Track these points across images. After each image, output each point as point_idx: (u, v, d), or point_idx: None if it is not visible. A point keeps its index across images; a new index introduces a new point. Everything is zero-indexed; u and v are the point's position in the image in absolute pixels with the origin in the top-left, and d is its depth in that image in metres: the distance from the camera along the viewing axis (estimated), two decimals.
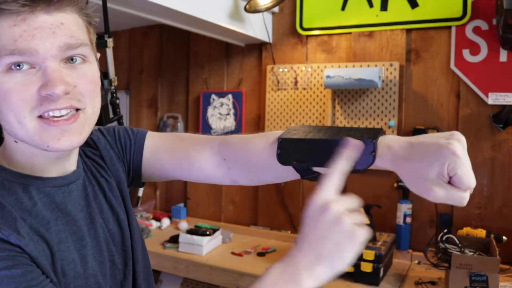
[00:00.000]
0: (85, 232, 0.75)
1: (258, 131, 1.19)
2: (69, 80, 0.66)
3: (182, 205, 2.70)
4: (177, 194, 2.81)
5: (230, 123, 2.57)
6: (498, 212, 1.95)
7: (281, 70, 2.36)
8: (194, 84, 2.70)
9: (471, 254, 1.73)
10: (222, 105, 2.58)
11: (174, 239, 2.22)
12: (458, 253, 1.69)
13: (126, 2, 1.65)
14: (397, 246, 2.06)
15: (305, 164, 0.72)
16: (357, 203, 0.65)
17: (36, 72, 0.65)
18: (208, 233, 2.17)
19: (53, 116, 0.66)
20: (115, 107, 1.57)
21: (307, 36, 2.32)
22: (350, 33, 2.21)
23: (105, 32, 1.48)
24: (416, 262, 2.02)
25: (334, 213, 0.62)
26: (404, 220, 2.05)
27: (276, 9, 2.34)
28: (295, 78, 2.33)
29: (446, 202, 0.62)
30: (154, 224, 2.53)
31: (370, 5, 2.13)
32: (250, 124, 2.51)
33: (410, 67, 2.10)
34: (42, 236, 0.68)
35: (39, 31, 0.64)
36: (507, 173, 1.94)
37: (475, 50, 1.96)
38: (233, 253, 2.15)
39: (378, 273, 1.76)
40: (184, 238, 2.14)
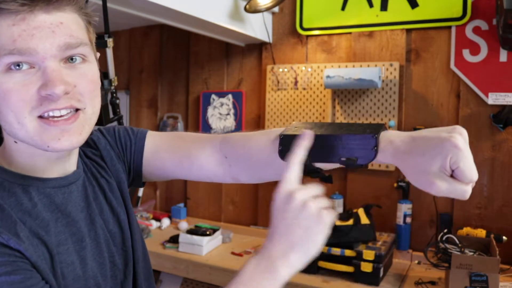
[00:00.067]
0: (85, 233, 0.75)
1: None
2: (69, 80, 0.66)
3: (182, 205, 2.70)
4: (177, 194, 2.81)
5: (230, 123, 2.57)
6: (498, 212, 1.95)
7: (281, 70, 2.36)
8: (194, 84, 2.70)
9: (471, 254, 1.73)
10: (222, 105, 2.58)
11: (174, 239, 2.22)
12: (458, 253, 1.69)
13: (126, 2, 1.65)
14: (397, 246, 2.06)
15: (307, 160, 0.72)
16: (319, 189, 0.69)
17: (35, 72, 0.65)
18: (208, 233, 2.17)
19: (53, 116, 0.66)
20: (115, 107, 1.57)
21: (307, 36, 2.32)
22: (350, 33, 2.21)
23: (105, 32, 1.48)
24: (416, 262, 2.02)
25: (299, 200, 0.66)
26: (404, 220, 2.05)
27: (276, 9, 2.34)
28: (295, 78, 2.33)
29: (449, 195, 0.62)
30: (154, 224, 2.52)
31: (370, 5, 2.13)
32: (250, 124, 2.51)
33: (410, 67, 2.10)
34: (42, 239, 0.67)
35: (39, 31, 0.64)
36: (507, 173, 1.94)
37: (475, 50, 1.96)
38: (233, 253, 2.15)
39: (378, 273, 1.76)
40: (184, 238, 2.14)
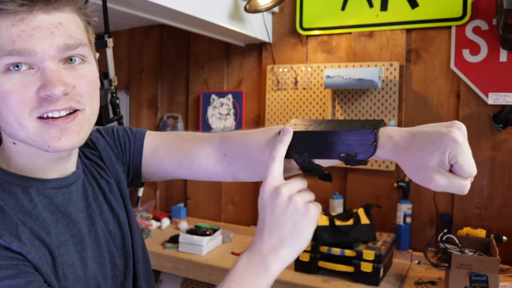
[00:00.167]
0: (85, 234, 0.75)
1: None
2: (68, 80, 0.66)
3: (182, 205, 2.70)
4: (177, 194, 2.81)
5: (230, 123, 2.57)
6: (498, 212, 1.95)
7: (281, 70, 2.36)
8: (194, 84, 2.70)
9: (471, 254, 1.73)
10: (222, 105, 2.58)
11: (174, 239, 2.22)
12: (458, 253, 1.69)
13: (126, 2, 1.65)
14: (397, 246, 2.06)
15: (306, 156, 0.72)
16: (304, 183, 0.71)
17: (34, 72, 0.64)
18: (208, 233, 2.17)
19: (52, 116, 0.66)
20: (115, 107, 1.57)
21: (307, 36, 2.32)
22: (350, 33, 2.21)
23: (105, 32, 1.48)
24: (416, 262, 2.02)
25: (285, 195, 0.67)
26: (404, 220, 2.05)
27: (276, 9, 2.34)
28: (295, 78, 2.33)
29: (447, 190, 0.62)
30: (154, 224, 2.53)
31: (370, 5, 2.13)
32: (250, 124, 2.51)
33: (410, 67, 2.10)
34: (43, 240, 0.67)
35: (38, 31, 0.63)
36: (507, 173, 1.94)
37: (475, 50, 1.96)
38: (233, 253, 2.15)
39: (378, 273, 1.76)
40: (184, 238, 2.14)
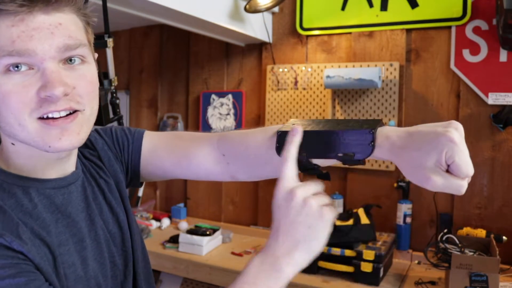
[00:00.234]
0: (85, 233, 0.75)
1: None
2: (68, 81, 0.66)
3: (182, 205, 2.70)
4: (177, 194, 2.81)
5: (230, 123, 2.57)
6: (498, 212, 1.95)
7: (281, 70, 2.36)
8: (194, 84, 2.70)
9: (471, 254, 1.73)
10: (222, 105, 2.58)
11: (174, 239, 2.22)
12: (458, 253, 1.69)
13: (126, 2, 1.65)
14: (397, 246, 2.06)
15: (304, 155, 0.72)
16: (319, 186, 0.69)
17: (34, 73, 0.64)
18: (208, 233, 2.17)
19: (52, 117, 0.66)
20: (115, 107, 1.57)
21: (307, 36, 2.32)
22: (350, 33, 2.21)
23: (105, 32, 1.48)
24: (416, 262, 2.02)
25: (300, 198, 0.66)
26: (404, 220, 2.05)
27: (276, 9, 2.34)
28: (295, 78, 2.33)
29: (444, 190, 0.62)
30: (154, 224, 2.52)
31: (370, 5, 2.13)
32: (250, 124, 2.51)
33: (410, 67, 2.10)
34: (44, 240, 0.67)
35: (37, 32, 0.63)
36: (507, 173, 1.94)
37: (475, 50, 1.96)
38: (233, 253, 2.15)
39: (378, 273, 1.76)
40: (184, 238, 2.14)
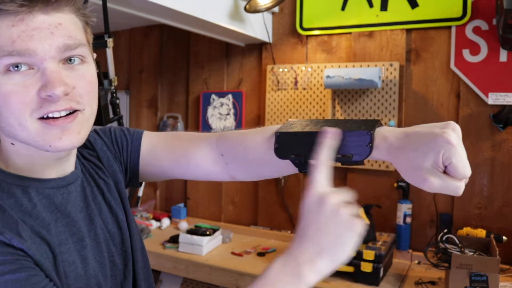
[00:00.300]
0: (85, 233, 0.75)
1: None
2: (68, 81, 0.66)
3: (182, 205, 2.70)
4: (177, 194, 2.81)
5: (230, 123, 2.57)
6: (498, 212, 1.95)
7: (281, 70, 2.36)
8: (194, 84, 2.70)
9: (471, 254, 1.73)
10: (222, 105, 2.58)
11: (174, 239, 2.22)
12: (458, 253, 1.69)
13: (126, 2, 1.65)
14: (397, 246, 2.06)
15: (302, 157, 0.72)
16: (351, 195, 0.66)
17: (34, 73, 0.65)
18: (208, 233, 2.17)
19: (52, 116, 0.66)
20: (115, 107, 1.57)
21: (307, 36, 2.32)
22: (350, 33, 2.21)
23: (105, 32, 1.48)
24: (416, 262, 2.02)
25: (331, 205, 0.63)
26: (404, 220, 2.05)
27: (276, 9, 2.34)
28: (295, 78, 2.33)
29: (442, 191, 0.62)
30: (154, 224, 2.52)
31: (370, 5, 2.13)
32: (250, 124, 2.51)
33: (410, 67, 2.10)
34: (44, 238, 0.67)
35: (37, 32, 0.64)
36: (507, 173, 1.94)
37: (475, 50, 1.95)
38: (233, 253, 2.15)
39: (378, 273, 1.76)
40: (184, 238, 2.14)
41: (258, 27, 2.30)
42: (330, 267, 0.63)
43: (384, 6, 2.11)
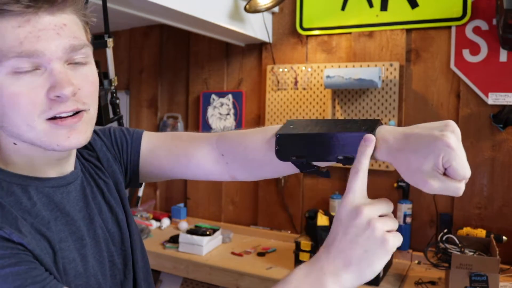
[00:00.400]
0: (84, 232, 0.75)
1: None
2: (74, 81, 0.67)
3: (182, 205, 2.70)
4: (177, 194, 2.81)
5: (230, 123, 2.57)
6: (498, 212, 1.95)
7: (281, 70, 2.36)
8: (194, 84, 2.70)
9: (471, 254, 1.73)
10: (222, 105, 2.58)
11: (174, 239, 2.22)
12: (458, 253, 1.69)
13: (126, 2, 1.65)
14: None
15: (304, 159, 0.72)
16: (389, 207, 0.63)
17: (41, 73, 0.65)
18: (208, 233, 2.17)
19: (60, 116, 0.66)
20: (115, 107, 1.57)
21: (307, 36, 2.32)
22: (350, 33, 2.21)
23: (105, 32, 1.48)
24: (416, 262, 2.02)
25: (365, 218, 0.60)
26: (404, 220, 2.05)
27: (276, 9, 2.34)
28: (295, 78, 2.33)
29: (442, 193, 0.61)
30: (154, 224, 2.53)
31: (370, 5, 2.13)
32: (250, 124, 2.51)
33: (410, 67, 2.10)
34: (44, 234, 0.68)
35: (44, 33, 0.64)
36: (507, 173, 1.94)
37: (475, 50, 1.96)
38: (233, 253, 2.15)
39: (378, 273, 1.75)
40: (184, 238, 2.14)
41: (258, 27, 2.30)
42: (354, 284, 0.61)
43: (384, 6, 2.11)
